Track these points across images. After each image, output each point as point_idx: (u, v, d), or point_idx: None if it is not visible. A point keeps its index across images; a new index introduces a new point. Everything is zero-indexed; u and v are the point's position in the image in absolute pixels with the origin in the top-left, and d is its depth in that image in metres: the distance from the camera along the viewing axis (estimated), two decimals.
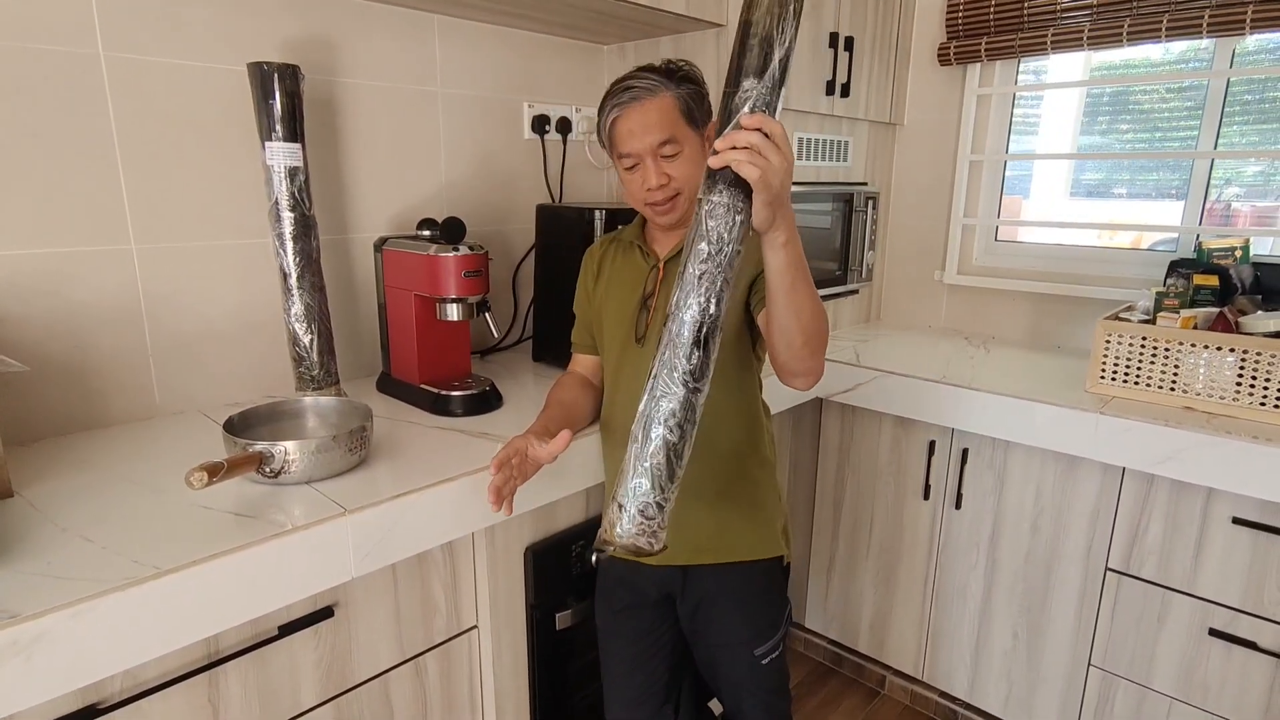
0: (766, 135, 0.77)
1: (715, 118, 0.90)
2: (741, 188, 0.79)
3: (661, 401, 0.81)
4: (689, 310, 0.80)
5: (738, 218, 0.80)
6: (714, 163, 0.79)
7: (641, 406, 0.84)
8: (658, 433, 0.82)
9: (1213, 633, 1.42)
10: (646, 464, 0.82)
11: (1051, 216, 2.13)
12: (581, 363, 1.29)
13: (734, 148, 0.77)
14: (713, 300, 0.80)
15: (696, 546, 1.14)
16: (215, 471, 0.86)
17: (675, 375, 0.81)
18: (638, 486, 0.83)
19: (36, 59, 1.11)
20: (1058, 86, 2.07)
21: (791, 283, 0.88)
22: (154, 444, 1.18)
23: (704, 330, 0.81)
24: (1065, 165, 2.11)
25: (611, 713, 1.28)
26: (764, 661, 1.19)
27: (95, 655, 0.77)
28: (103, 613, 0.77)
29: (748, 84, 0.78)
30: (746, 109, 0.78)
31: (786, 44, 0.78)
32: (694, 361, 0.81)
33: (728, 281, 0.81)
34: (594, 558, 1.12)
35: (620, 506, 0.84)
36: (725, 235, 0.80)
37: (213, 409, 1.34)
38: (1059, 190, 2.14)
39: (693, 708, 1.41)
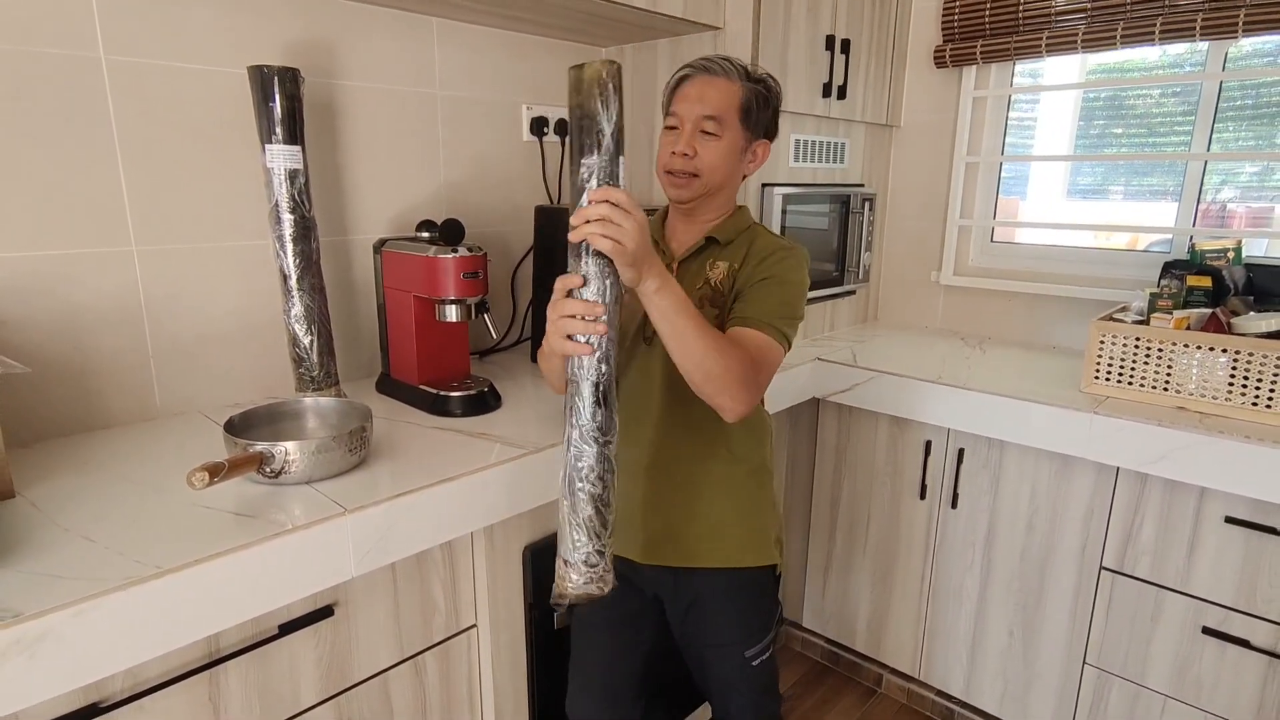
0: (614, 204, 0.84)
1: (570, 196, 0.91)
2: (604, 255, 0.85)
3: (578, 462, 0.89)
4: (585, 373, 0.87)
5: (607, 281, 0.87)
6: (572, 237, 0.85)
7: (562, 469, 0.91)
8: (582, 490, 0.90)
9: (1206, 631, 1.43)
10: (579, 520, 0.91)
11: (1048, 218, 2.15)
12: None
13: (587, 221, 0.84)
14: (604, 361, 0.87)
15: (689, 551, 1.14)
16: (217, 471, 0.87)
17: (585, 435, 0.88)
18: (576, 542, 0.91)
19: (38, 62, 1.12)
20: (1051, 89, 2.09)
21: (674, 329, 0.93)
22: (154, 445, 1.19)
23: (601, 389, 0.88)
24: (1062, 167, 2.13)
25: (577, 708, 1.25)
26: (754, 662, 1.19)
27: (98, 654, 0.78)
28: (105, 612, 0.78)
29: (587, 161, 0.85)
30: (592, 184, 0.85)
31: (614, 119, 0.84)
32: (599, 419, 0.88)
33: (612, 340, 0.88)
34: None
35: (566, 563, 0.93)
36: (602, 299, 0.87)
37: (213, 410, 1.35)
38: (1056, 191, 2.16)
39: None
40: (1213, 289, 1.57)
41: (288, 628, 0.99)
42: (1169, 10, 1.71)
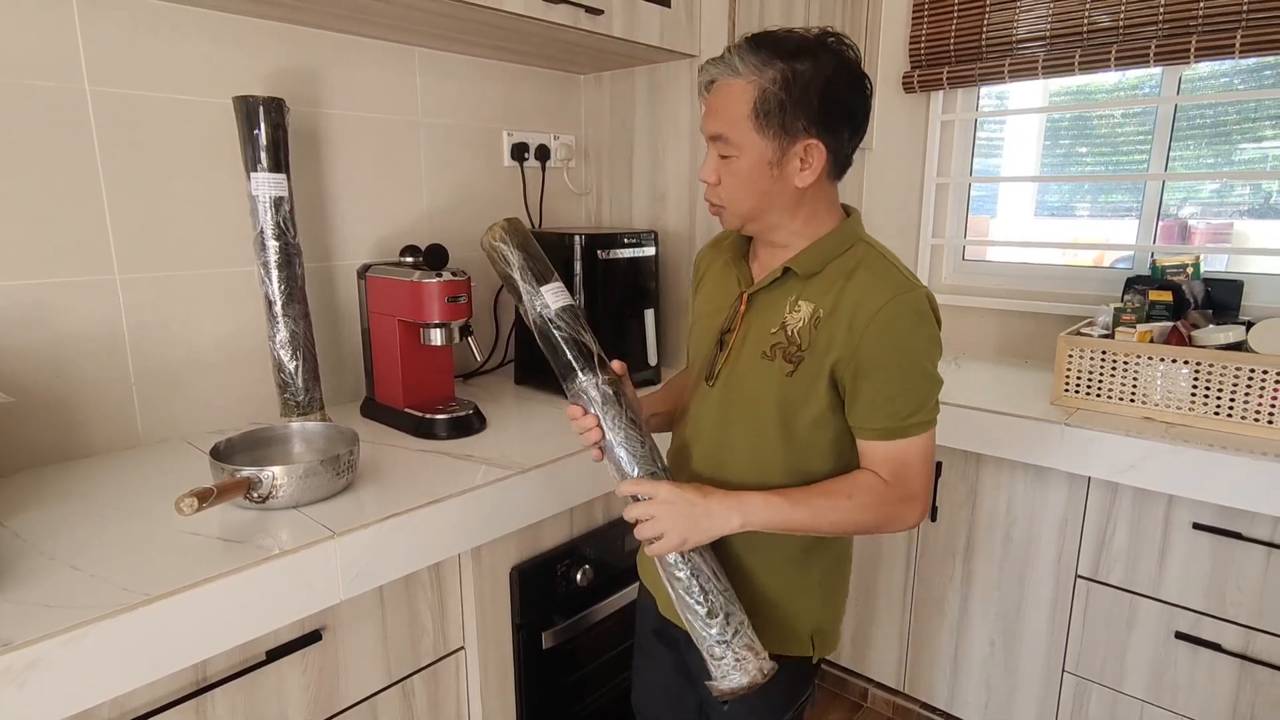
0: (641, 498, 0.88)
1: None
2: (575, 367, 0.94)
3: (674, 571, 0.92)
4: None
5: (586, 394, 0.93)
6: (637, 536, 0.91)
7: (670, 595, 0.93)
8: (674, 582, 0.92)
9: (1179, 636, 1.47)
10: (691, 611, 0.91)
11: (1018, 235, 2.21)
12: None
13: (635, 523, 0.89)
14: (628, 464, 0.93)
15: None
16: (205, 497, 0.87)
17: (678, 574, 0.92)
18: (698, 635, 0.92)
19: (22, 94, 1.13)
20: (1016, 112, 2.16)
21: (787, 533, 0.91)
22: (138, 472, 1.19)
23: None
24: (1030, 186, 2.20)
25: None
26: None
27: (86, 683, 0.77)
28: (94, 640, 0.78)
29: (521, 308, 0.96)
30: (533, 328, 0.94)
31: (516, 264, 0.94)
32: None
33: (623, 440, 0.92)
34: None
35: (710, 657, 0.92)
36: (591, 408, 0.93)
37: (196, 437, 1.35)
38: (1025, 210, 2.23)
39: None
40: (1174, 303, 1.63)
41: (275, 653, 0.98)
42: (1124, 38, 1.79)
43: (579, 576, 1.34)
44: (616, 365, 0.95)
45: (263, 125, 1.20)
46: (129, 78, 1.23)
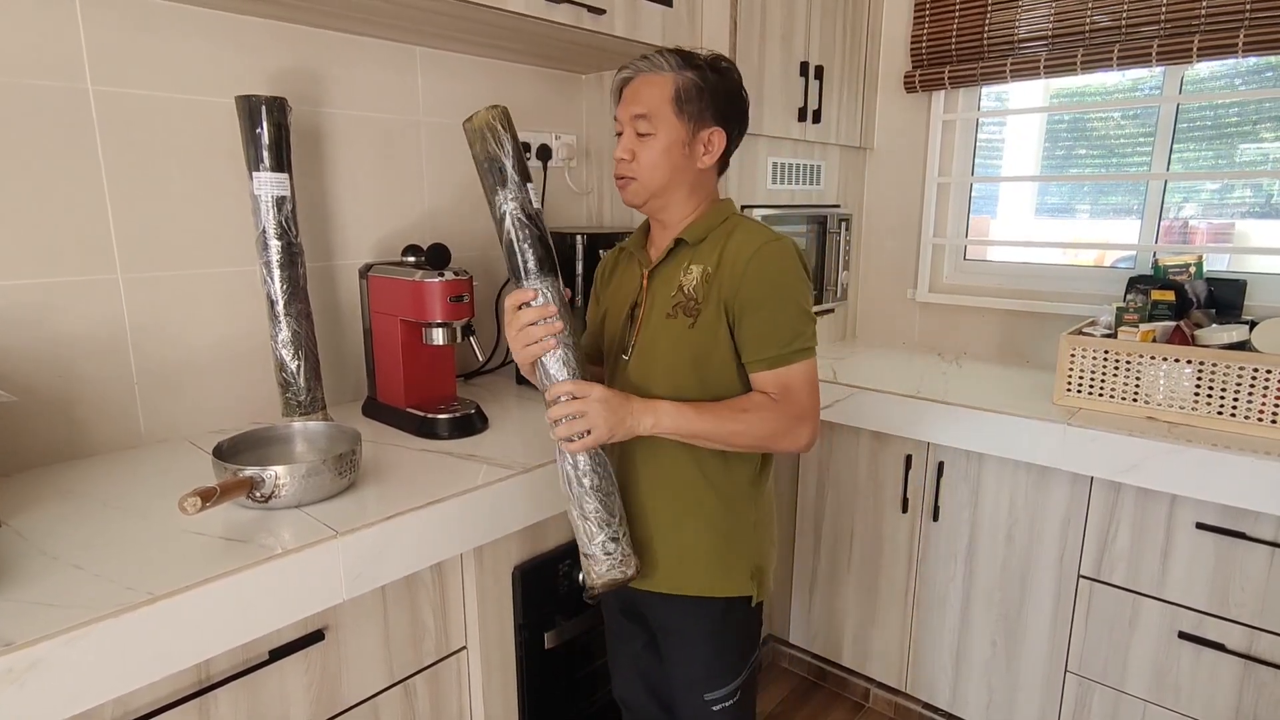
0: (571, 395, 0.96)
1: (495, 229, 1.00)
2: (541, 266, 0.98)
3: (566, 463, 1.00)
4: (554, 377, 0.99)
5: (549, 290, 0.98)
6: (555, 436, 0.98)
7: (559, 473, 1.02)
8: (580, 485, 1.00)
9: (1182, 635, 1.47)
10: (585, 514, 1.01)
11: (1019, 236, 2.21)
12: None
13: (555, 422, 0.96)
14: (566, 364, 0.99)
15: (652, 575, 1.11)
16: (209, 496, 0.87)
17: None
18: (589, 534, 1.01)
19: (25, 94, 1.13)
20: (1017, 112, 2.16)
21: (690, 440, 1.01)
22: (140, 472, 1.18)
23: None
24: (1031, 186, 2.20)
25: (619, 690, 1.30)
26: (715, 708, 1.12)
27: (88, 682, 0.77)
28: (96, 639, 0.77)
29: (498, 197, 0.95)
30: (507, 218, 0.95)
31: (511, 153, 0.94)
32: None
33: (569, 341, 0.99)
34: (586, 599, 1.16)
35: (586, 556, 1.03)
36: (550, 302, 0.98)
37: (198, 437, 1.35)
38: (1026, 210, 2.23)
39: None
40: (1176, 303, 1.63)
41: (278, 653, 0.98)
42: (1126, 38, 1.79)
43: (581, 576, 1.33)
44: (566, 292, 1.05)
45: (265, 124, 1.20)
46: (131, 77, 1.23)
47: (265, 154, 1.21)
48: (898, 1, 2.16)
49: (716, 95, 1.05)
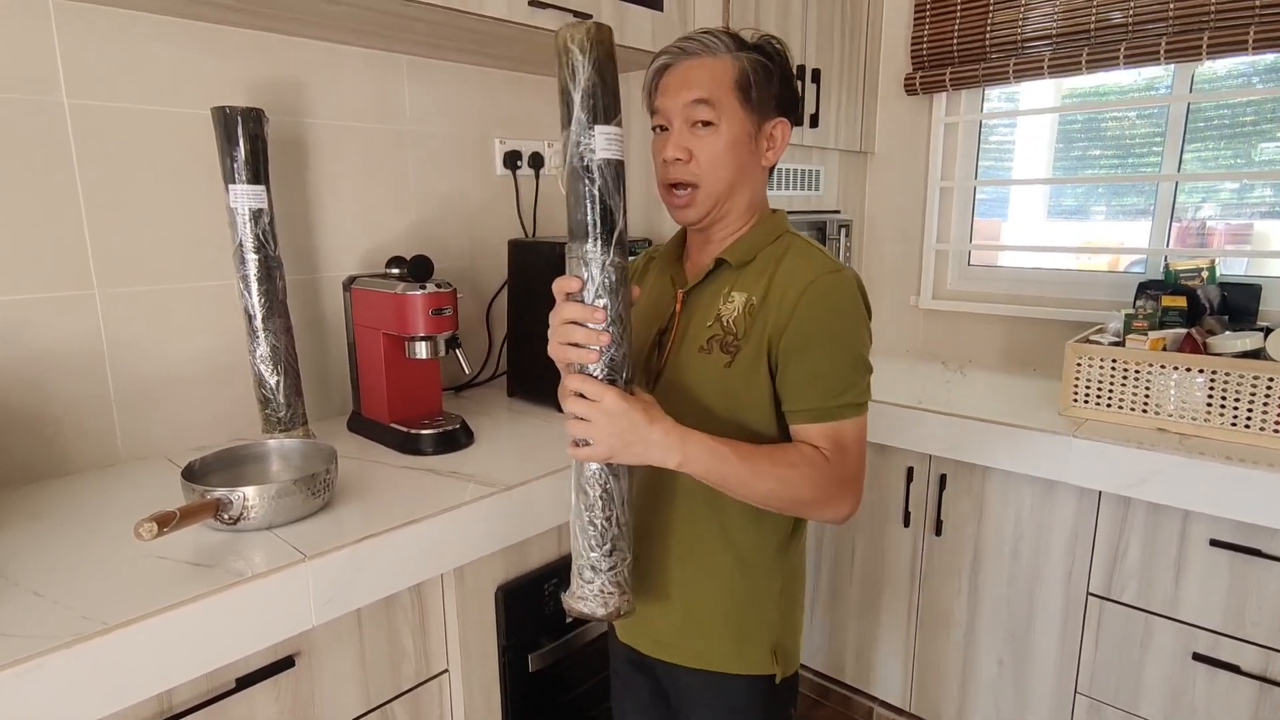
0: (582, 397, 0.79)
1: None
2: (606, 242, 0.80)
3: (576, 466, 0.86)
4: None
5: (611, 278, 0.79)
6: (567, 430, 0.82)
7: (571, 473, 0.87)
8: (580, 496, 0.86)
9: (1196, 657, 1.41)
10: (581, 529, 0.86)
11: (1029, 239, 2.15)
12: None
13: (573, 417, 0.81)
14: (614, 369, 0.81)
15: (656, 639, 1.00)
16: (166, 521, 0.84)
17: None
18: (577, 551, 0.87)
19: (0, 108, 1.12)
20: (1021, 114, 2.11)
21: (720, 486, 0.84)
22: (115, 491, 1.16)
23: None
24: (1042, 189, 2.14)
25: None
26: None
27: (43, 714, 0.74)
28: (49, 670, 0.75)
29: (562, 139, 0.79)
30: (564, 166, 0.77)
31: (584, 83, 0.75)
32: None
33: (620, 345, 0.81)
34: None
35: (573, 572, 0.89)
36: (603, 299, 0.79)
37: (178, 454, 1.32)
38: (1038, 212, 2.17)
39: None
40: (1188, 309, 1.58)
41: (245, 681, 0.95)
42: (1133, 35, 1.74)
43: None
44: (635, 291, 0.84)
45: (241, 136, 1.17)
46: (108, 90, 1.21)
47: (241, 166, 1.18)
48: (897, 2, 2.11)
49: (773, 81, 0.90)
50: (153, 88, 1.26)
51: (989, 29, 1.94)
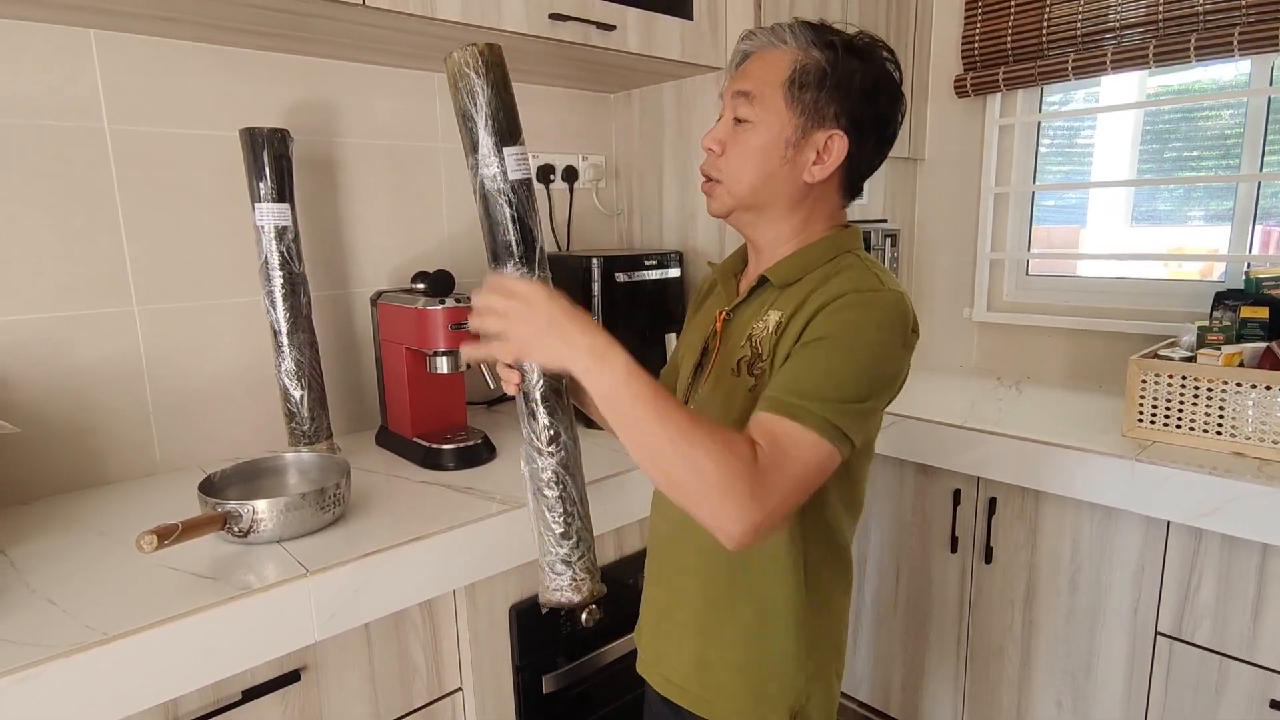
0: (493, 291, 0.76)
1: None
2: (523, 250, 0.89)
3: (530, 466, 0.91)
4: (527, 381, 0.89)
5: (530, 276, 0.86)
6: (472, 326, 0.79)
7: (524, 475, 0.91)
8: (539, 496, 0.91)
9: (1274, 705, 1.26)
10: (546, 524, 0.91)
11: (1110, 246, 2.00)
12: None
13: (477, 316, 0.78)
14: (532, 368, 0.87)
15: (666, 677, 0.96)
16: (167, 534, 0.86)
17: (530, 447, 0.90)
18: (543, 547, 0.92)
19: (46, 135, 1.18)
20: (1080, 113, 1.98)
21: (620, 418, 0.69)
22: (146, 501, 1.20)
23: (533, 399, 0.88)
24: (1124, 193, 1.98)
25: None
26: None
27: None
28: (48, 679, 0.76)
29: (470, 161, 0.84)
30: (475, 192, 0.84)
31: (483, 104, 0.80)
32: (534, 430, 0.89)
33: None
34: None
35: (541, 568, 0.94)
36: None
37: (212, 465, 1.36)
38: (1120, 218, 2.00)
39: None
40: (1269, 321, 1.43)
41: (251, 693, 0.96)
42: (1204, 27, 1.61)
43: (584, 617, 1.26)
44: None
45: (266, 156, 1.21)
46: (147, 115, 1.26)
47: (266, 185, 1.21)
48: (946, 1, 2.02)
49: (846, 86, 0.79)
50: (189, 112, 1.31)
51: (1046, 25, 1.83)
